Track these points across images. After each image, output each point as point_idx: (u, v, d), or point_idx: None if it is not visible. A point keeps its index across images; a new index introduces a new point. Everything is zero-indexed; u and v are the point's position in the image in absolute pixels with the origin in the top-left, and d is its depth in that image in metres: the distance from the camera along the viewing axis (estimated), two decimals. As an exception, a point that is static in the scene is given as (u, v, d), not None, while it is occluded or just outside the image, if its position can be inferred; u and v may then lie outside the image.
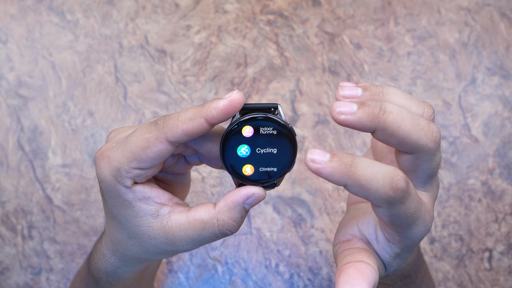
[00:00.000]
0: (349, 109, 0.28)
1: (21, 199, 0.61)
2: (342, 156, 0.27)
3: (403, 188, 0.28)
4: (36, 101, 0.63)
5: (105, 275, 0.40)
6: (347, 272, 0.30)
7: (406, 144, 0.29)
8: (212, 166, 0.36)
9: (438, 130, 0.29)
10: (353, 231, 0.34)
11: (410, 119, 0.28)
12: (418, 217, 0.30)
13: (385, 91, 0.30)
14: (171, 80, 0.63)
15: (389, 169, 0.28)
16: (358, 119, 0.28)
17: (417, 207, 0.29)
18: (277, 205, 0.60)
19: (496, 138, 0.62)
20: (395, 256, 0.32)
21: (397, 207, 0.28)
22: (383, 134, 0.29)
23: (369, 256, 0.32)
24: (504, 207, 0.60)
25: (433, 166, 0.30)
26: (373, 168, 0.27)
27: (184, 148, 0.34)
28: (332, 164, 0.27)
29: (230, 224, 0.32)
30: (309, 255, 0.58)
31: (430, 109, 0.31)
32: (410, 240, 0.31)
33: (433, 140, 0.29)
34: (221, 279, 0.58)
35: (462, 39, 0.64)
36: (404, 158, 0.30)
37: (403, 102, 0.30)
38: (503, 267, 0.59)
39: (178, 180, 0.38)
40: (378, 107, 0.28)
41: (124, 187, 0.32)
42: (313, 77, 0.63)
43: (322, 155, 0.27)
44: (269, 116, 0.32)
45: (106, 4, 0.66)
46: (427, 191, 0.32)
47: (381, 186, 0.27)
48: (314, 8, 0.66)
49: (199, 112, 0.30)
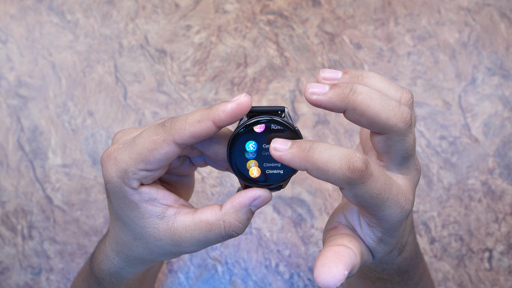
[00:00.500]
0: (321, 89, 0.29)
1: (21, 199, 0.61)
2: (301, 142, 0.29)
3: (360, 168, 0.28)
4: (36, 101, 0.63)
5: (108, 276, 0.40)
6: (325, 255, 0.31)
7: (376, 124, 0.30)
8: (217, 168, 0.36)
9: (408, 111, 0.30)
10: (339, 218, 0.35)
11: (380, 100, 0.29)
12: (387, 198, 0.30)
13: (364, 75, 0.31)
14: (171, 80, 0.63)
15: (347, 151, 0.29)
16: (329, 99, 0.29)
17: (382, 187, 0.30)
18: (277, 205, 0.60)
19: (496, 138, 0.62)
20: (378, 241, 0.33)
21: (358, 187, 0.29)
22: (353, 114, 0.30)
23: (350, 240, 0.32)
24: (504, 207, 0.60)
25: (406, 147, 0.31)
26: (330, 151, 0.28)
27: (190, 150, 0.34)
28: (291, 151, 0.28)
29: (236, 226, 0.33)
30: (309, 255, 0.58)
31: (408, 94, 0.32)
32: (387, 223, 0.31)
33: (403, 120, 0.30)
34: (221, 279, 0.58)
35: (462, 39, 0.64)
36: (377, 139, 0.31)
37: (381, 85, 0.31)
38: (503, 267, 0.59)
39: (183, 182, 0.38)
40: (348, 88, 0.29)
41: (130, 188, 0.32)
42: (313, 77, 0.63)
43: (284, 144, 0.29)
44: (276, 119, 0.32)
45: (106, 4, 0.66)
46: (403, 174, 0.32)
47: (338, 167, 0.28)
48: (314, 8, 0.66)
49: (207, 114, 0.31)
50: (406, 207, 0.31)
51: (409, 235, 0.38)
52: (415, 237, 0.40)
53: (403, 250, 0.38)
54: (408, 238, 0.38)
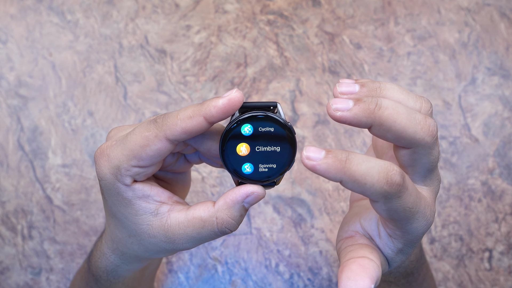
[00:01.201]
0: (345, 105, 0.29)
1: (21, 199, 0.61)
2: (337, 152, 0.28)
3: (399, 182, 0.28)
4: (36, 101, 0.63)
5: (105, 274, 0.40)
6: (350, 268, 0.30)
7: (403, 139, 0.29)
8: (212, 164, 0.36)
9: (434, 124, 0.30)
10: (356, 227, 0.34)
11: (406, 114, 0.29)
12: (417, 211, 0.30)
13: (382, 87, 0.31)
14: (171, 80, 0.63)
15: (384, 164, 0.28)
16: (354, 115, 0.28)
17: (415, 201, 0.29)
18: (277, 205, 0.60)
19: (496, 138, 0.62)
20: (398, 252, 0.32)
21: (394, 201, 0.29)
22: (379, 130, 0.29)
23: (371, 252, 0.32)
24: (504, 207, 0.60)
25: (432, 160, 0.30)
26: (368, 163, 0.28)
27: (184, 146, 0.34)
28: (327, 161, 0.27)
29: (229, 223, 0.33)
30: (309, 255, 0.58)
31: (427, 104, 0.31)
32: (412, 235, 0.31)
33: (430, 134, 0.29)
34: (221, 279, 0.58)
35: (462, 39, 0.64)
36: (402, 153, 0.30)
37: (400, 97, 0.31)
38: (503, 267, 0.59)
39: (178, 179, 0.38)
40: (373, 103, 0.28)
41: (123, 185, 0.32)
42: (313, 77, 0.63)
43: (318, 152, 0.28)
44: (268, 114, 0.32)
45: (106, 4, 0.66)
46: (427, 186, 0.32)
47: (376, 181, 0.28)
48: (314, 8, 0.66)
49: (198, 110, 0.30)
50: (431, 219, 0.31)
51: None
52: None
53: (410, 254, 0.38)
54: None
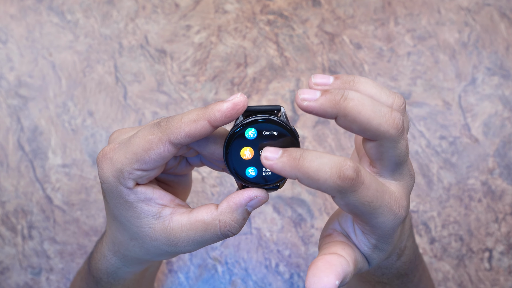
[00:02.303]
0: (312, 96, 0.29)
1: (21, 199, 0.61)
2: (292, 151, 0.29)
3: (351, 176, 0.28)
4: (36, 101, 0.63)
5: (105, 276, 0.40)
6: (316, 265, 0.30)
7: (367, 130, 0.29)
8: (213, 168, 0.36)
9: (400, 117, 0.30)
10: (334, 225, 0.35)
11: (371, 106, 0.29)
12: (379, 206, 0.30)
13: (356, 80, 0.31)
14: (171, 80, 0.63)
15: (337, 159, 0.28)
16: (320, 105, 0.29)
17: (374, 195, 0.30)
18: (277, 205, 0.60)
19: (496, 138, 0.62)
20: (373, 248, 0.33)
21: (350, 195, 0.29)
22: (344, 121, 0.29)
23: (344, 248, 0.32)
24: (504, 207, 0.60)
25: (398, 153, 0.31)
26: (320, 160, 0.28)
27: (187, 150, 0.34)
28: (282, 159, 0.28)
29: (232, 226, 0.33)
30: (309, 255, 0.58)
31: (400, 99, 0.31)
32: (381, 230, 0.31)
33: (394, 127, 0.29)
34: (221, 279, 0.58)
35: (462, 39, 0.64)
36: (369, 146, 0.31)
37: (373, 91, 0.31)
38: (503, 267, 0.59)
39: (180, 181, 0.38)
40: (340, 94, 0.29)
41: (126, 188, 0.32)
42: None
43: (274, 152, 0.28)
44: (272, 118, 0.32)
45: (106, 4, 0.66)
46: (396, 180, 0.32)
47: (328, 176, 0.28)
48: (314, 8, 0.66)
49: (203, 114, 0.30)
50: (399, 213, 0.31)
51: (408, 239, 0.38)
52: (414, 240, 0.40)
53: (402, 255, 0.38)
54: (407, 242, 0.38)
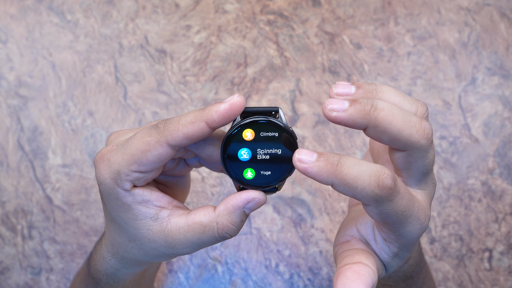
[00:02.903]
0: (341, 106, 0.29)
1: (21, 199, 0.61)
2: (329, 155, 0.28)
3: (390, 185, 0.28)
4: (36, 101, 0.63)
5: (105, 277, 0.40)
6: (345, 274, 0.30)
7: (398, 141, 0.29)
8: (212, 169, 0.36)
9: (430, 127, 0.29)
10: (352, 232, 0.34)
11: (402, 116, 0.29)
12: (410, 215, 0.30)
13: (378, 89, 0.31)
14: (171, 80, 0.63)
15: (376, 167, 0.28)
16: (350, 116, 0.28)
17: (407, 204, 0.29)
18: (277, 205, 0.60)
19: (496, 138, 0.62)
20: (393, 256, 0.32)
21: (385, 205, 0.29)
22: (374, 131, 0.29)
23: (367, 257, 0.32)
24: (504, 207, 0.60)
25: (426, 163, 0.30)
26: (359, 167, 0.28)
27: (185, 151, 0.34)
28: (318, 164, 0.27)
29: (229, 228, 0.32)
30: (309, 255, 0.58)
31: (423, 107, 0.31)
32: (406, 239, 0.31)
33: (425, 137, 0.29)
34: (221, 279, 0.58)
35: (462, 39, 0.64)
36: (397, 156, 0.30)
37: (396, 100, 0.31)
38: (503, 267, 0.59)
39: (178, 183, 0.38)
40: (369, 104, 0.28)
41: (123, 190, 0.32)
42: (313, 77, 0.63)
43: (309, 155, 0.28)
44: (270, 119, 0.31)
45: (106, 4, 0.66)
46: (422, 189, 0.32)
47: (367, 184, 0.28)
48: (314, 8, 0.66)
49: (200, 115, 0.30)
50: (425, 223, 0.31)
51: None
52: (419, 243, 0.40)
53: (409, 258, 0.38)
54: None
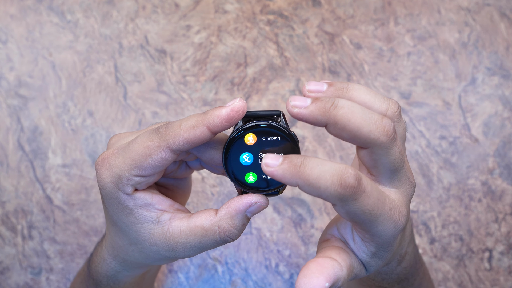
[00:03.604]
0: (303, 103, 0.29)
1: (21, 199, 0.61)
2: (292, 158, 0.28)
3: (352, 184, 0.28)
4: (36, 101, 0.63)
5: (105, 279, 0.40)
6: (307, 266, 0.30)
7: (358, 138, 0.29)
8: (213, 171, 0.36)
9: (391, 124, 0.30)
10: (333, 231, 0.35)
11: (361, 114, 0.29)
12: (380, 214, 0.30)
13: (349, 87, 0.31)
14: (171, 80, 0.63)
15: (339, 167, 0.28)
16: (310, 113, 0.29)
17: (375, 203, 0.29)
18: (277, 205, 0.60)
19: (496, 138, 0.62)
20: (372, 255, 0.32)
21: (350, 204, 0.29)
22: (334, 128, 0.29)
23: (339, 253, 0.32)
24: (504, 207, 0.60)
25: (391, 160, 0.30)
26: (322, 167, 0.28)
27: (186, 155, 0.34)
28: (283, 166, 0.28)
29: (231, 232, 0.32)
30: (309, 255, 0.58)
31: (394, 105, 0.31)
32: (381, 238, 0.31)
33: (385, 134, 0.29)
34: (221, 279, 0.58)
35: (462, 39, 0.64)
36: (362, 154, 0.31)
37: (367, 97, 0.31)
38: (503, 267, 0.59)
39: (179, 185, 0.38)
40: (330, 102, 0.29)
41: (124, 194, 0.32)
42: (313, 77, 0.63)
43: (275, 159, 0.28)
44: (271, 123, 0.31)
45: (106, 4, 0.66)
46: (396, 188, 0.32)
47: (330, 184, 0.28)
48: (314, 8, 0.66)
49: (202, 120, 0.30)
50: (399, 222, 0.31)
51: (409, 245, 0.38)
52: (415, 245, 0.40)
53: (402, 260, 0.38)
54: (407, 248, 0.37)
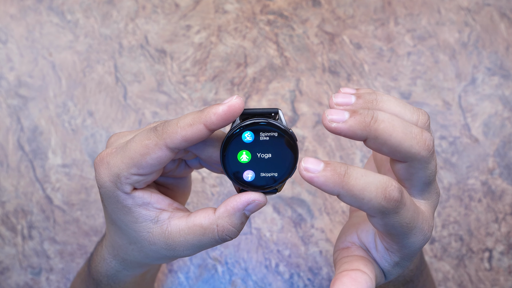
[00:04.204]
0: (341, 117, 0.28)
1: (21, 199, 0.61)
2: (335, 165, 0.27)
3: (397, 198, 0.27)
4: (36, 101, 0.63)
5: (105, 278, 0.40)
6: (341, 281, 0.30)
7: (398, 153, 0.29)
8: (212, 170, 0.36)
9: (431, 138, 0.29)
10: (353, 238, 0.34)
11: (402, 127, 0.28)
12: (414, 227, 0.29)
13: (379, 99, 0.30)
14: (171, 80, 0.63)
15: (383, 179, 0.27)
16: (349, 127, 0.28)
17: (412, 216, 0.29)
18: (277, 205, 0.60)
19: (496, 138, 0.62)
20: (394, 265, 0.32)
21: (391, 217, 0.28)
22: (374, 143, 0.28)
23: (366, 265, 0.31)
24: (504, 207, 0.60)
25: (428, 174, 0.30)
26: (366, 178, 0.27)
27: (185, 153, 0.34)
28: (325, 174, 0.27)
29: (230, 230, 0.32)
30: (309, 255, 0.58)
31: (424, 116, 0.30)
32: (408, 249, 0.31)
33: (426, 148, 0.29)
34: (221, 279, 0.58)
35: (462, 39, 0.64)
36: (398, 167, 0.30)
37: (397, 109, 0.30)
38: (503, 267, 0.59)
39: (179, 184, 0.38)
40: (369, 116, 0.28)
41: (123, 193, 0.32)
42: (313, 77, 0.63)
43: (316, 164, 0.27)
44: (269, 121, 0.31)
45: (106, 4, 0.66)
46: (425, 199, 0.31)
47: (374, 196, 0.27)
48: (314, 8, 0.66)
49: (198, 118, 0.30)
50: (428, 234, 0.31)
51: None
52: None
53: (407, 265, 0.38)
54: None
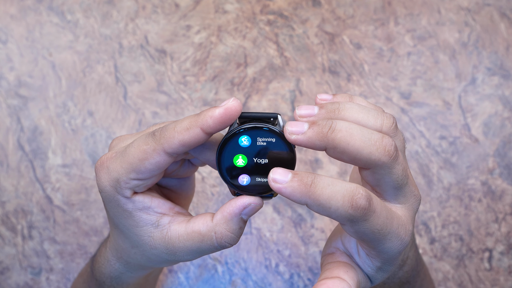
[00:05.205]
0: (300, 128, 0.29)
1: (21, 199, 0.61)
2: (303, 175, 0.27)
3: (364, 206, 0.27)
4: (36, 101, 0.63)
5: (108, 280, 0.40)
6: None
7: (359, 160, 0.29)
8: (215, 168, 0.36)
9: (391, 143, 0.29)
10: (337, 244, 0.34)
11: (360, 135, 0.28)
12: (388, 233, 0.29)
13: (341, 107, 0.30)
14: (171, 80, 0.63)
15: (350, 187, 0.28)
16: (308, 139, 0.28)
17: (384, 222, 0.29)
18: (277, 205, 0.60)
19: (496, 138, 0.62)
20: (377, 269, 0.32)
21: (360, 224, 0.28)
22: (334, 152, 0.29)
23: (346, 271, 0.32)
24: (504, 207, 0.60)
25: (394, 179, 0.30)
26: (333, 187, 0.27)
27: (185, 155, 0.34)
28: (292, 184, 0.27)
29: (228, 237, 0.32)
30: (309, 255, 0.58)
31: (389, 120, 0.30)
32: (387, 254, 0.31)
33: (386, 154, 0.29)
34: (221, 279, 0.58)
35: (462, 39, 0.64)
36: (365, 174, 0.30)
37: (359, 116, 0.30)
38: (503, 267, 0.59)
39: (183, 186, 0.38)
40: (327, 126, 0.28)
41: (123, 197, 0.32)
42: (313, 77, 0.63)
43: (284, 175, 0.27)
44: (267, 126, 0.31)
45: (106, 4, 0.66)
46: (401, 204, 0.31)
47: (341, 205, 0.27)
48: (314, 8, 0.66)
49: (195, 121, 0.30)
50: (405, 239, 0.30)
51: (410, 249, 0.37)
52: (416, 248, 0.40)
53: (404, 265, 0.37)
54: (409, 252, 0.37)
